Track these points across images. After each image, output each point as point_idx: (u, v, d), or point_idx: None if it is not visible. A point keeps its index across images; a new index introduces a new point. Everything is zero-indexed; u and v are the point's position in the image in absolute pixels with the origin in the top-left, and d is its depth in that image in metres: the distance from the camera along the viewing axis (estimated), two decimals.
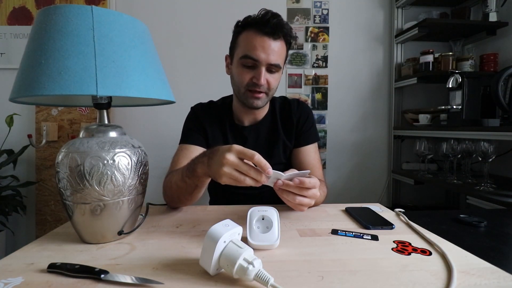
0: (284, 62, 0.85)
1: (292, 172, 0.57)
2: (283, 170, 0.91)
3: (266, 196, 0.87)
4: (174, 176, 0.71)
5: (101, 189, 0.48)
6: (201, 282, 0.39)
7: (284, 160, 0.91)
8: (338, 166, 1.84)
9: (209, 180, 0.63)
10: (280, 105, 0.94)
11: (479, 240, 0.58)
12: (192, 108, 0.94)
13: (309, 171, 0.58)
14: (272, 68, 0.78)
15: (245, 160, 0.52)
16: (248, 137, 0.89)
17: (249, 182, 0.52)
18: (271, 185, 0.56)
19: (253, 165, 0.52)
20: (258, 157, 0.51)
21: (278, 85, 0.84)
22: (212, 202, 1.01)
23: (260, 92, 0.79)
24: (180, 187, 0.66)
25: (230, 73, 0.86)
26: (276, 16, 0.76)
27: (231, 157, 0.51)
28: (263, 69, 0.77)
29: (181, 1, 1.73)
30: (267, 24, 0.74)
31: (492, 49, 1.60)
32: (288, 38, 0.80)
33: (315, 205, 0.75)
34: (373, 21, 1.81)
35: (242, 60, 0.78)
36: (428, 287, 0.38)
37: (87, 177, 0.48)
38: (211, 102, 0.96)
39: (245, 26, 0.78)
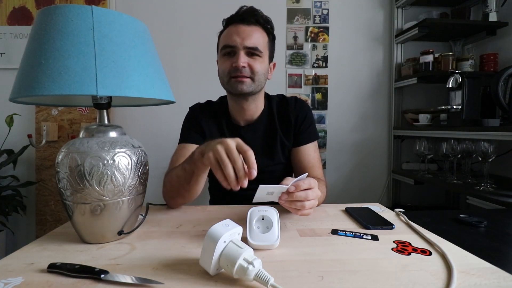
0: (271, 53, 0.86)
1: (289, 181, 0.56)
2: (282, 171, 0.91)
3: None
4: (173, 170, 0.72)
5: (101, 189, 0.48)
6: (201, 282, 0.39)
7: (284, 160, 0.90)
8: (338, 166, 1.84)
9: (206, 168, 0.62)
10: (277, 103, 0.92)
11: (479, 240, 0.58)
12: (190, 108, 0.94)
13: (306, 174, 0.59)
14: (252, 51, 0.79)
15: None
16: (245, 137, 0.88)
17: (229, 170, 0.50)
18: (276, 200, 0.56)
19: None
20: (250, 153, 0.51)
21: (265, 72, 0.83)
22: (212, 202, 1.01)
23: (244, 76, 0.79)
24: (180, 177, 0.68)
25: (219, 73, 0.86)
26: (250, 7, 0.82)
27: (230, 142, 0.52)
28: (241, 53, 0.78)
29: (181, 1, 1.73)
30: (239, 13, 0.81)
31: (492, 49, 1.60)
32: (265, 24, 0.82)
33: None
34: (373, 21, 1.81)
35: (222, 51, 0.82)
36: (428, 287, 0.38)
37: (87, 177, 0.48)
38: (209, 101, 0.96)
39: (225, 27, 0.85)
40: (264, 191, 0.52)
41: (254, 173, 0.50)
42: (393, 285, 0.38)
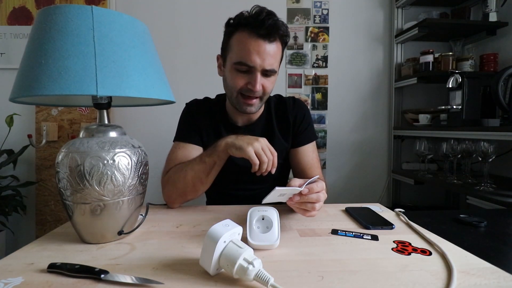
0: (280, 62, 0.82)
1: (297, 182, 0.56)
2: (279, 171, 0.91)
3: (262, 198, 0.86)
4: (184, 167, 0.73)
5: (101, 189, 0.48)
6: (201, 282, 0.39)
7: (281, 161, 0.89)
8: (338, 166, 1.84)
9: (225, 159, 0.70)
10: (275, 104, 0.91)
11: (479, 240, 0.58)
12: (187, 104, 0.92)
13: (318, 176, 0.59)
14: (268, 73, 0.75)
15: None
16: None
17: (268, 164, 0.64)
18: (285, 201, 0.56)
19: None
20: (275, 155, 0.66)
21: (273, 87, 0.81)
22: (209, 204, 1.00)
23: (255, 98, 0.77)
24: (198, 171, 0.71)
25: (223, 75, 0.82)
26: (271, 15, 0.71)
27: (263, 140, 0.66)
28: (259, 75, 0.73)
29: (181, 1, 1.73)
30: (261, 25, 0.69)
31: (492, 49, 1.60)
32: (285, 38, 0.76)
33: None
34: (373, 21, 1.81)
35: (236, 66, 0.74)
36: (428, 287, 0.38)
37: (87, 177, 0.48)
38: (206, 99, 0.94)
39: (237, 26, 0.73)
40: (277, 193, 0.52)
41: (273, 170, 0.66)
42: (393, 285, 0.38)
